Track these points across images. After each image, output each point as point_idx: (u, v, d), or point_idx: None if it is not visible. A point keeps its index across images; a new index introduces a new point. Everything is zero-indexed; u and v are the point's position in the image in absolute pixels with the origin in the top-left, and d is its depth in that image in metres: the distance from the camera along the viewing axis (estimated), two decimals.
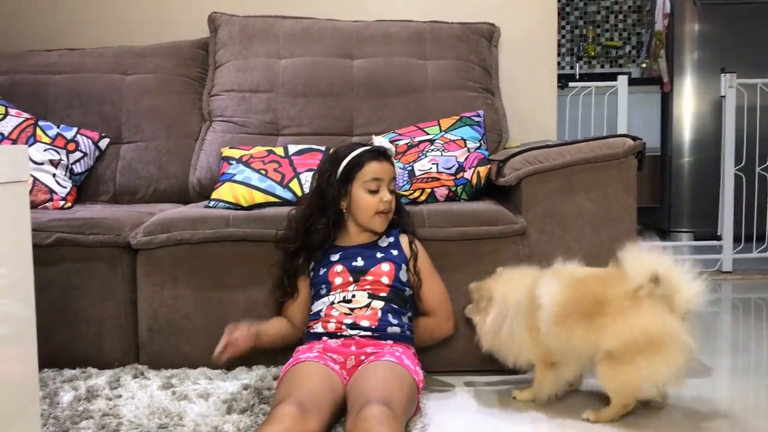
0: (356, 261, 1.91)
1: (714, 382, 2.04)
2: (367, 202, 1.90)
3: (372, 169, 1.90)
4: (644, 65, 4.96)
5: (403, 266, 1.92)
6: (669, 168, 4.55)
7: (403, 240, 1.98)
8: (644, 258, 1.69)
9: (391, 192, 1.94)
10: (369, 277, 1.88)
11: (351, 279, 1.88)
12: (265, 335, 1.90)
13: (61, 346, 2.11)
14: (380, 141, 1.97)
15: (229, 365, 2.07)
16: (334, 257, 1.92)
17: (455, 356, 2.07)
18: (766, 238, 3.72)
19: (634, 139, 2.08)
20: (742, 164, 3.73)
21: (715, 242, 3.76)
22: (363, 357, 1.77)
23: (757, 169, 3.77)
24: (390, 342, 1.82)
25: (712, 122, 4.35)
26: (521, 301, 1.82)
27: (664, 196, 4.64)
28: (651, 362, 1.63)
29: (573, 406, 1.84)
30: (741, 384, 2.11)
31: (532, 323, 1.78)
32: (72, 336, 2.12)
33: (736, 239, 3.71)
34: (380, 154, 1.93)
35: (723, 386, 2.06)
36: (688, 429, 1.71)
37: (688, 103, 4.48)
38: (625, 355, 1.64)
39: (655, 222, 4.59)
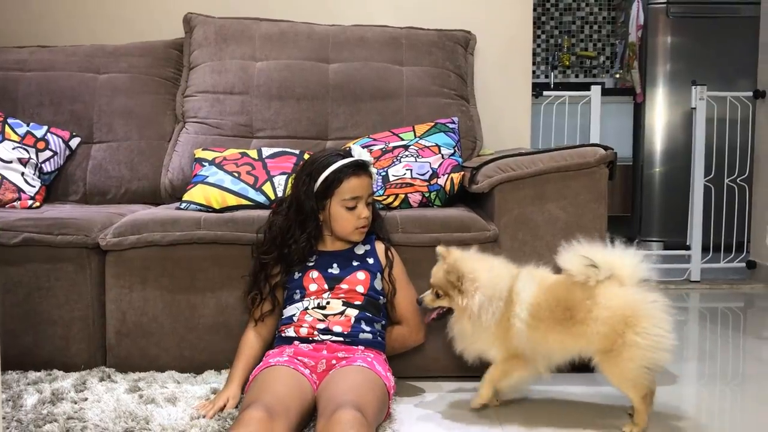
0: (332, 268, 1.90)
1: (680, 389, 2.07)
2: (345, 219, 1.88)
3: (351, 186, 1.86)
4: (617, 76, 5.03)
5: (379, 275, 1.92)
6: (640, 178, 4.62)
7: (379, 247, 1.97)
8: (575, 253, 1.74)
9: (369, 205, 1.92)
10: (344, 286, 1.87)
11: (326, 287, 1.87)
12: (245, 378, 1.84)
13: (26, 347, 2.07)
14: (359, 152, 1.91)
15: (198, 369, 2.06)
16: (310, 262, 1.91)
17: (426, 362, 2.07)
18: (733, 249, 3.78)
19: (606, 148, 2.10)
20: (711, 175, 3.80)
21: (683, 252, 3.82)
22: (334, 362, 1.77)
23: (726, 181, 3.83)
24: (362, 348, 1.82)
25: (683, 134, 4.42)
26: (504, 290, 1.79)
27: (634, 206, 4.70)
28: (640, 333, 1.66)
29: (540, 412, 1.86)
30: (707, 391, 2.14)
31: (506, 317, 1.78)
32: (38, 337, 2.08)
33: (705, 249, 3.77)
34: (359, 167, 1.88)
35: (689, 393, 2.09)
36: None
37: (659, 114, 4.55)
38: (615, 344, 1.68)
39: (625, 231, 4.65)
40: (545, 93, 3.80)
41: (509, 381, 1.84)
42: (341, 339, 1.82)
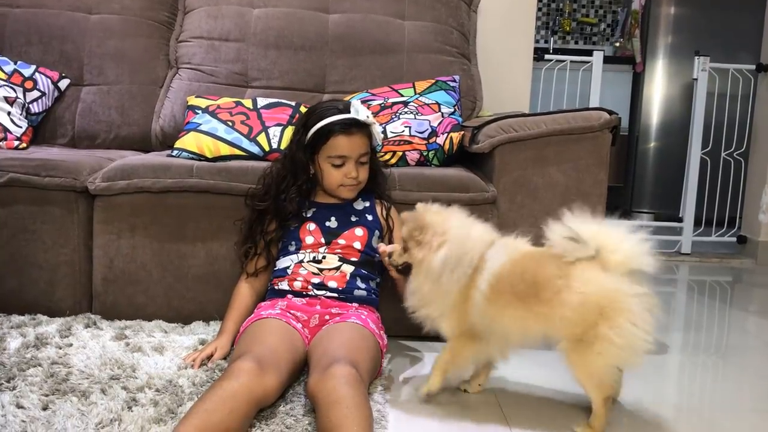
0: (329, 221, 1.86)
1: (665, 357, 2.07)
2: (332, 175, 1.83)
3: (338, 144, 1.80)
4: (618, 44, 4.97)
5: (377, 232, 1.88)
6: (635, 148, 4.59)
7: (379, 208, 1.93)
8: (564, 224, 1.49)
9: (363, 164, 1.85)
10: (341, 241, 1.83)
11: (323, 240, 1.83)
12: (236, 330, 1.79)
13: (11, 291, 2.03)
14: (357, 109, 1.82)
15: (186, 319, 2.03)
16: (307, 213, 1.87)
17: (418, 322, 2.05)
18: (725, 223, 3.78)
19: (610, 113, 2.06)
20: (708, 148, 3.77)
21: (675, 224, 3.81)
22: (327, 317, 1.74)
23: (722, 154, 3.81)
24: (355, 305, 1.79)
25: (681, 106, 4.39)
26: (475, 256, 1.57)
27: (628, 176, 4.68)
28: (614, 329, 1.42)
29: (534, 378, 1.85)
30: (690, 359, 2.14)
31: (469, 286, 1.56)
32: (22, 281, 2.04)
33: (696, 222, 3.76)
34: (351, 125, 1.80)
35: (674, 361, 2.09)
36: (641, 400, 1.72)
37: (658, 86, 4.51)
38: (586, 335, 1.44)
39: (618, 201, 4.64)
40: (546, 57, 3.73)
41: (461, 362, 1.63)
42: (335, 295, 1.78)
